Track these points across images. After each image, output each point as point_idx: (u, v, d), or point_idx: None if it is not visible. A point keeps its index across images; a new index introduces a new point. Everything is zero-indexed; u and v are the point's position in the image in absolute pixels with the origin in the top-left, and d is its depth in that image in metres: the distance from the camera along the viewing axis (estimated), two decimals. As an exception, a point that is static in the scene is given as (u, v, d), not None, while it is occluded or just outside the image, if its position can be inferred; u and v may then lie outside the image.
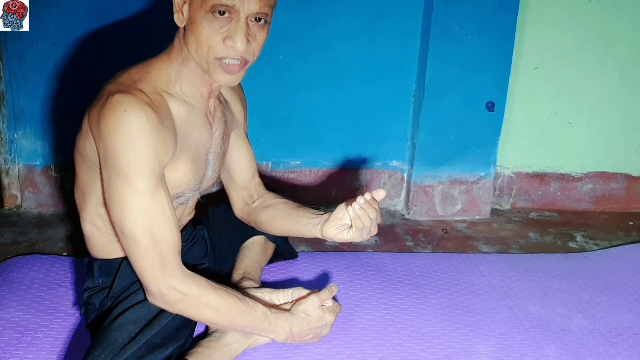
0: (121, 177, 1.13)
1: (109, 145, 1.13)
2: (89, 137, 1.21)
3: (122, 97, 1.13)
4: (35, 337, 1.45)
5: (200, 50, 1.17)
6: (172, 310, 1.22)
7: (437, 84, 2.23)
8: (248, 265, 1.64)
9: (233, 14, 1.13)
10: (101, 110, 1.14)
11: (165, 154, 1.19)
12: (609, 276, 1.91)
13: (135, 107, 1.12)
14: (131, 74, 1.23)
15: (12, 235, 2.06)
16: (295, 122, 2.32)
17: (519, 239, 2.26)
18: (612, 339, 1.57)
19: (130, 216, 1.14)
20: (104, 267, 1.35)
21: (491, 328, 1.60)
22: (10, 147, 2.21)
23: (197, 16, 1.14)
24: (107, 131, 1.13)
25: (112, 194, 1.15)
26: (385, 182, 2.44)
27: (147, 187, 1.14)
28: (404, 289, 1.77)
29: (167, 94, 1.23)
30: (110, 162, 1.14)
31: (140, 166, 1.13)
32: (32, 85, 2.15)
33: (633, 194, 2.59)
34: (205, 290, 1.21)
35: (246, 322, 1.27)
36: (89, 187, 1.28)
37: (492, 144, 2.34)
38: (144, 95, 1.16)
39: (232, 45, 1.15)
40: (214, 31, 1.14)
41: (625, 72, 2.43)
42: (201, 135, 1.32)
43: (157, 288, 1.17)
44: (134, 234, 1.15)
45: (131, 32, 2.12)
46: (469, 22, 2.16)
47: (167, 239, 1.17)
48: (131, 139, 1.12)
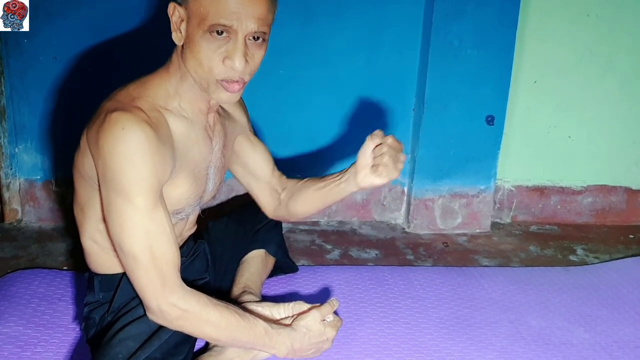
0: (120, 195, 1.13)
1: (108, 163, 1.13)
2: (87, 154, 1.21)
3: (120, 114, 1.13)
4: (35, 352, 1.44)
5: (200, 69, 1.17)
6: (172, 327, 1.21)
7: (436, 97, 2.24)
8: (248, 279, 1.64)
9: (231, 33, 1.13)
10: (99, 128, 1.14)
11: (164, 172, 1.18)
12: (609, 289, 1.91)
13: (133, 125, 1.12)
14: (129, 91, 1.23)
15: (13, 249, 2.06)
16: (295, 136, 2.33)
17: (519, 252, 2.26)
18: (614, 352, 1.57)
19: (130, 234, 1.14)
20: (104, 281, 1.35)
21: (492, 341, 1.59)
22: (11, 161, 2.22)
23: (195, 35, 1.14)
24: (105, 149, 1.13)
25: (110, 211, 1.15)
26: (386, 196, 2.45)
27: (145, 204, 1.14)
28: (404, 302, 1.77)
29: (166, 109, 1.23)
30: (108, 180, 1.14)
31: (139, 184, 1.13)
32: (33, 100, 2.16)
33: (633, 206, 2.59)
34: (206, 306, 1.20)
35: (247, 337, 1.26)
36: (88, 203, 1.28)
37: (491, 157, 2.34)
38: (142, 113, 1.16)
39: (230, 65, 1.14)
40: (212, 51, 1.14)
41: (625, 85, 2.44)
42: (201, 150, 1.32)
43: (157, 305, 1.17)
44: (133, 251, 1.14)
45: (132, 47, 2.13)
46: (468, 37, 2.18)
47: (167, 256, 1.17)
48: (129, 156, 1.12)
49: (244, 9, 1.11)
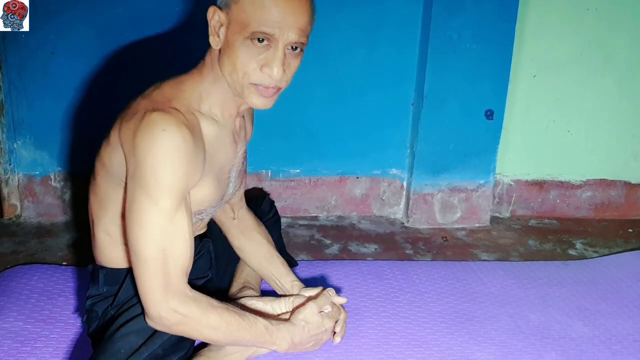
0: (146, 194, 1.12)
1: (141, 162, 1.12)
2: (118, 150, 1.20)
3: (161, 115, 1.13)
4: (35, 347, 1.44)
5: (235, 74, 1.17)
6: (171, 332, 1.20)
7: (435, 92, 2.24)
8: (248, 274, 1.64)
9: (272, 41, 1.13)
10: (137, 126, 1.13)
11: (194, 176, 1.19)
12: (608, 283, 1.91)
13: (173, 128, 1.12)
14: (163, 91, 1.22)
15: (12, 244, 2.06)
16: (294, 131, 2.33)
17: (518, 247, 2.26)
18: (612, 346, 1.57)
19: (147, 234, 1.13)
20: (109, 275, 1.34)
21: (491, 335, 1.60)
22: (10, 157, 2.22)
23: (234, 41, 1.14)
24: (142, 148, 1.12)
25: (133, 209, 1.14)
26: (385, 190, 2.45)
27: (170, 207, 1.13)
28: (403, 297, 1.77)
29: (199, 112, 1.23)
30: (138, 178, 1.13)
31: (169, 187, 1.13)
32: (31, 95, 2.15)
33: (632, 201, 2.60)
34: (206, 311, 1.19)
35: (248, 337, 1.26)
36: (109, 197, 1.27)
37: (491, 151, 2.34)
38: (181, 115, 1.16)
39: (268, 72, 1.15)
40: (251, 57, 1.15)
41: (624, 80, 2.44)
42: (227, 154, 1.33)
43: (156, 312, 1.15)
44: (145, 253, 1.13)
45: (130, 41, 2.12)
46: (467, 31, 2.18)
47: (178, 261, 1.16)
48: (165, 158, 1.11)
49: (286, 19, 1.12)
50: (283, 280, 1.54)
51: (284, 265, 1.58)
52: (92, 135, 2.22)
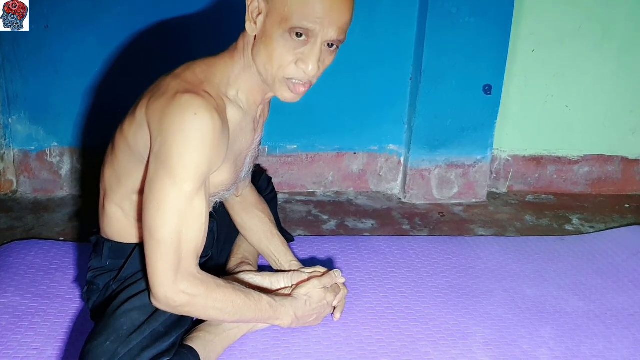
0: (169, 175, 1.11)
1: (168, 142, 1.11)
2: (144, 128, 1.18)
3: (193, 98, 1.11)
4: (33, 322, 1.45)
5: (270, 65, 1.16)
6: (177, 313, 1.20)
7: (433, 67, 2.22)
8: (246, 250, 1.65)
9: (310, 37, 1.12)
10: (167, 106, 1.12)
11: (218, 162, 1.18)
12: (604, 258, 1.92)
13: (205, 112, 1.11)
14: (195, 72, 1.20)
15: (8, 220, 2.06)
16: (291, 106, 2.29)
17: (515, 222, 2.27)
18: (607, 320, 1.58)
19: (165, 215, 1.12)
20: (114, 249, 1.34)
21: (487, 310, 1.61)
22: (5, 132, 2.20)
23: (272, 32, 1.13)
24: (171, 129, 1.11)
25: (154, 188, 1.13)
26: (382, 166, 2.44)
27: (191, 190, 1.13)
28: (400, 272, 1.78)
29: (227, 97, 1.22)
30: (163, 158, 1.12)
31: (192, 170, 1.12)
32: (25, 70, 2.13)
33: (629, 176, 2.60)
34: (213, 292, 1.19)
35: (252, 315, 1.27)
36: (128, 173, 1.26)
37: (488, 127, 2.33)
38: (213, 100, 1.15)
39: (304, 68, 1.14)
40: (287, 51, 1.13)
41: (622, 54, 2.42)
42: (246, 140, 1.32)
43: (163, 293, 1.15)
44: (161, 232, 1.13)
45: (125, 14, 2.10)
46: (465, 5, 2.15)
47: (192, 244, 1.16)
48: (193, 142, 1.10)
49: (329, 16, 1.10)
50: (282, 259, 1.55)
51: (283, 244, 1.58)
52: (87, 109, 2.21)
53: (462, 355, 1.42)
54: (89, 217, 2.09)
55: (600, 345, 1.48)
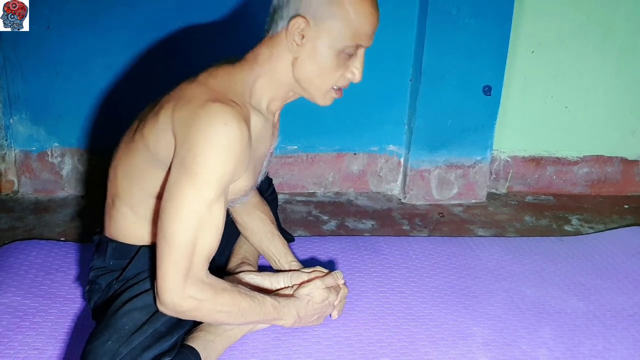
0: (192, 182, 1.11)
1: (194, 150, 1.11)
2: (168, 133, 1.18)
3: (223, 107, 1.12)
4: (34, 322, 1.45)
5: (319, 80, 1.23)
6: (183, 318, 1.20)
7: (433, 68, 2.23)
8: (246, 250, 1.65)
9: (358, 50, 1.23)
10: (196, 114, 1.12)
11: (241, 172, 1.19)
12: (603, 259, 1.92)
13: (234, 123, 1.12)
14: (218, 80, 1.22)
15: (9, 220, 2.06)
16: (291, 106, 2.30)
17: (514, 222, 2.27)
18: (607, 321, 1.59)
19: (183, 220, 1.12)
20: (118, 249, 1.33)
21: (487, 310, 1.61)
22: (6, 133, 2.21)
23: (323, 51, 1.20)
24: (199, 137, 1.11)
25: (174, 193, 1.13)
26: (382, 166, 2.45)
27: (212, 198, 1.13)
28: (400, 272, 1.78)
29: (250, 106, 1.24)
30: (187, 164, 1.12)
31: (216, 179, 1.12)
32: (26, 70, 2.14)
33: (628, 177, 2.60)
34: (219, 296, 1.19)
35: (257, 317, 1.28)
36: (145, 176, 1.25)
37: (488, 127, 2.34)
38: (240, 109, 1.16)
39: (350, 77, 1.24)
40: (339, 66, 1.22)
41: (622, 55, 2.42)
42: (265, 146, 1.35)
43: (170, 299, 1.15)
44: (177, 237, 1.12)
45: (125, 15, 2.10)
46: (466, 6, 2.16)
47: (205, 250, 1.16)
48: (219, 151, 1.11)
49: (373, 32, 1.24)
50: (282, 260, 1.56)
51: (283, 245, 1.59)
52: (88, 109, 2.21)
53: (462, 355, 1.42)
54: (90, 217, 2.09)
55: (599, 345, 1.48)
